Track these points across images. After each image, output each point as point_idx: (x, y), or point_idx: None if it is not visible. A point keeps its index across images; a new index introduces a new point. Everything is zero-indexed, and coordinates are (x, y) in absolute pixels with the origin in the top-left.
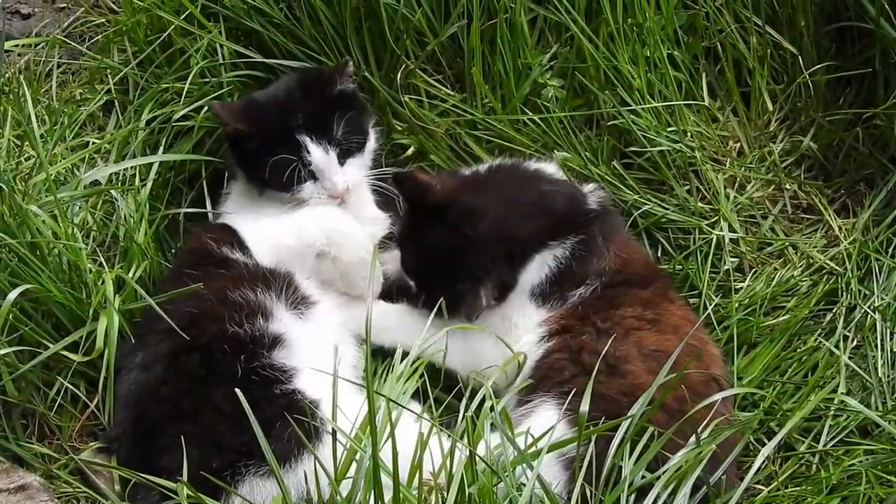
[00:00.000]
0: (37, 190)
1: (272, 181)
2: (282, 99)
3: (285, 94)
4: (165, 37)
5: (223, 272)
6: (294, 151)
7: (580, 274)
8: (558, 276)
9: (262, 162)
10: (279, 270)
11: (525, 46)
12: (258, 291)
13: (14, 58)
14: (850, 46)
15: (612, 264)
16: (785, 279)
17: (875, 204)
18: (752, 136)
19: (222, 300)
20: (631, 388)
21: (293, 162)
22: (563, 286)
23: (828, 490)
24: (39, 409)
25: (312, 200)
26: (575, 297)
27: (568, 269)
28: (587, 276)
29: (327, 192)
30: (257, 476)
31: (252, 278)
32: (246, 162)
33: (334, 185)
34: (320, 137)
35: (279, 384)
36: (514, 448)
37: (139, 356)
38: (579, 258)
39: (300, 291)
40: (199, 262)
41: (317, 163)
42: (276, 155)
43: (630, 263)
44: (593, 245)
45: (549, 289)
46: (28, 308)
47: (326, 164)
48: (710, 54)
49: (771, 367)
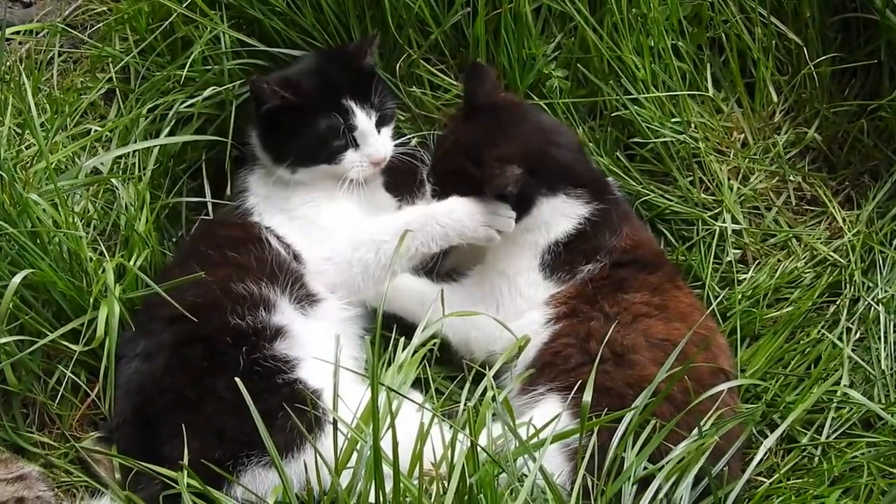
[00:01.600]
0: (37, 178)
1: (312, 153)
2: (318, 70)
3: (318, 67)
4: (167, 25)
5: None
6: (340, 116)
7: (592, 245)
8: (572, 239)
9: (302, 133)
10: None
11: (529, 37)
12: (262, 285)
13: (15, 46)
14: (855, 38)
15: (623, 243)
16: (788, 271)
17: (879, 196)
18: (757, 127)
19: (226, 291)
20: (637, 379)
21: (338, 128)
22: (573, 256)
23: (830, 482)
24: (40, 398)
25: (354, 170)
26: (584, 273)
27: (581, 235)
28: (598, 249)
29: (369, 158)
30: (260, 466)
31: (259, 271)
32: (281, 137)
33: (377, 150)
34: (364, 102)
35: (281, 374)
36: (516, 439)
37: (141, 345)
38: (595, 226)
39: (306, 289)
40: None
41: (362, 127)
42: (321, 123)
43: (640, 246)
44: (609, 218)
45: (559, 255)
46: (28, 297)
47: (370, 130)
48: (715, 45)
49: (774, 359)
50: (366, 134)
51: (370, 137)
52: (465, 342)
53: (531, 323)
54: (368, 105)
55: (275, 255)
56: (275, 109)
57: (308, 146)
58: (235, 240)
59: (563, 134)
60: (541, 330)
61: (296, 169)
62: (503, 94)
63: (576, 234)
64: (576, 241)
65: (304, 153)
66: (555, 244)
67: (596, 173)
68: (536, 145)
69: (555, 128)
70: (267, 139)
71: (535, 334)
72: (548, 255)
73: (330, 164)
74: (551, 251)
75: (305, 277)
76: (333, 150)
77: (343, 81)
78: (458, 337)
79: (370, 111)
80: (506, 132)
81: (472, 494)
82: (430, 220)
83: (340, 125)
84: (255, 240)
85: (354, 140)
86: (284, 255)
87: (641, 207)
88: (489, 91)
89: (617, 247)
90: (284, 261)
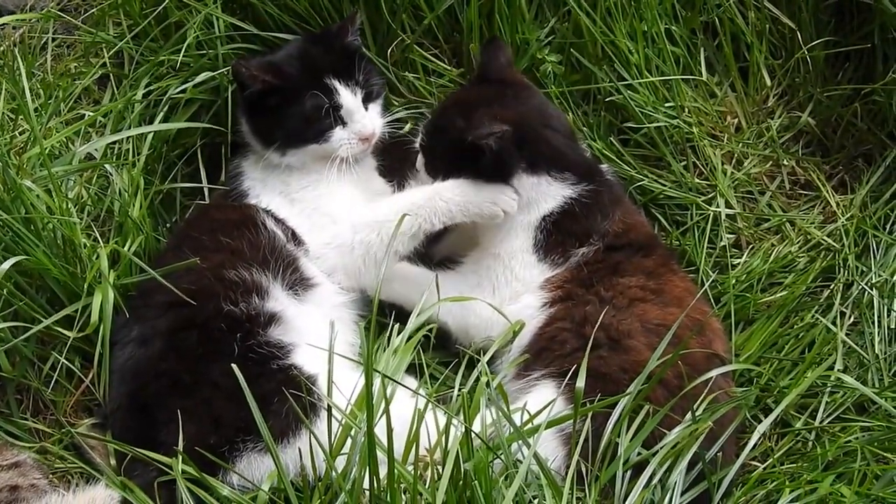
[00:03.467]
0: (31, 164)
1: (299, 134)
2: (301, 53)
3: (302, 50)
4: (161, 10)
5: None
6: (325, 96)
7: (583, 227)
8: (560, 219)
9: (288, 114)
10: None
11: (522, 21)
12: (254, 271)
13: (9, 31)
14: (848, 21)
15: (616, 227)
16: (782, 255)
17: (873, 180)
18: (750, 111)
19: (219, 278)
20: (632, 364)
21: (323, 106)
22: (564, 238)
23: (823, 467)
24: (34, 384)
25: (342, 148)
26: (577, 256)
27: (570, 217)
28: (590, 232)
29: (357, 135)
30: (255, 452)
31: (251, 257)
32: (267, 120)
33: (364, 126)
34: (347, 80)
35: (276, 360)
36: (510, 425)
37: (135, 330)
38: (584, 207)
39: (300, 273)
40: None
41: (347, 105)
42: (306, 103)
43: (633, 230)
44: (600, 200)
45: (550, 236)
46: (23, 283)
47: (355, 106)
48: (708, 29)
49: (768, 344)
50: (352, 111)
51: (356, 114)
52: (463, 328)
53: (527, 307)
54: (353, 83)
55: (269, 238)
56: (258, 93)
57: (295, 127)
58: (230, 223)
59: (559, 119)
60: (536, 314)
61: (285, 151)
62: (515, 73)
63: (564, 215)
64: (565, 222)
65: (291, 134)
66: (544, 222)
67: (585, 158)
68: (531, 122)
69: (553, 113)
70: (254, 123)
71: (530, 318)
72: (540, 234)
73: (318, 143)
74: (543, 230)
75: (300, 261)
76: (320, 129)
77: (326, 62)
78: (456, 323)
79: (355, 88)
80: (505, 101)
81: (467, 480)
82: (434, 197)
83: (325, 104)
84: (250, 223)
85: (341, 118)
86: (279, 239)
87: (635, 192)
88: (502, 66)
89: (610, 231)
90: (278, 245)
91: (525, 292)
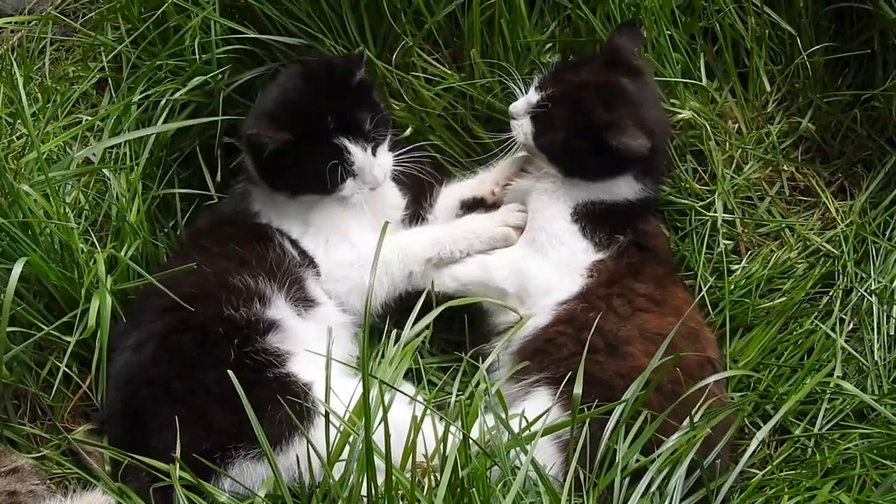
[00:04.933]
0: (28, 169)
1: (311, 186)
2: (308, 99)
3: (308, 93)
4: (160, 14)
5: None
6: (335, 155)
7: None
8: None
9: (300, 169)
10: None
11: (523, 26)
12: (259, 279)
13: (7, 34)
14: (848, 27)
15: (648, 228)
16: (781, 261)
17: (872, 186)
18: (750, 117)
19: (222, 283)
20: (628, 370)
21: (335, 166)
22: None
23: (823, 473)
24: (31, 389)
25: (355, 196)
26: (616, 246)
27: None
28: (633, 224)
29: (368, 185)
30: (248, 459)
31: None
32: (278, 171)
33: (375, 179)
34: (356, 137)
35: (272, 368)
36: (508, 432)
37: (132, 335)
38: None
39: (304, 292)
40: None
41: (359, 163)
42: (317, 161)
43: (657, 235)
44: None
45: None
46: (20, 288)
47: (366, 162)
48: (708, 35)
49: (767, 350)
50: (363, 167)
51: (366, 168)
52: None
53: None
54: (362, 138)
55: (278, 255)
56: (275, 151)
57: (305, 181)
58: (241, 236)
59: (668, 123)
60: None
61: (294, 196)
62: (643, 62)
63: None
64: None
65: (301, 186)
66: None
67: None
68: (662, 135)
69: (666, 118)
70: (263, 173)
71: (542, 312)
72: (581, 208)
73: (330, 194)
74: (589, 207)
75: (306, 282)
76: (333, 182)
77: (333, 114)
78: (514, 287)
79: (364, 143)
80: (646, 104)
81: (465, 487)
82: (458, 236)
83: (337, 165)
84: (261, 238)
85: (352, 172)
86: (288, 257)
87: None
88: (635, 53)
89: (643, 230)
90: (286, 263)
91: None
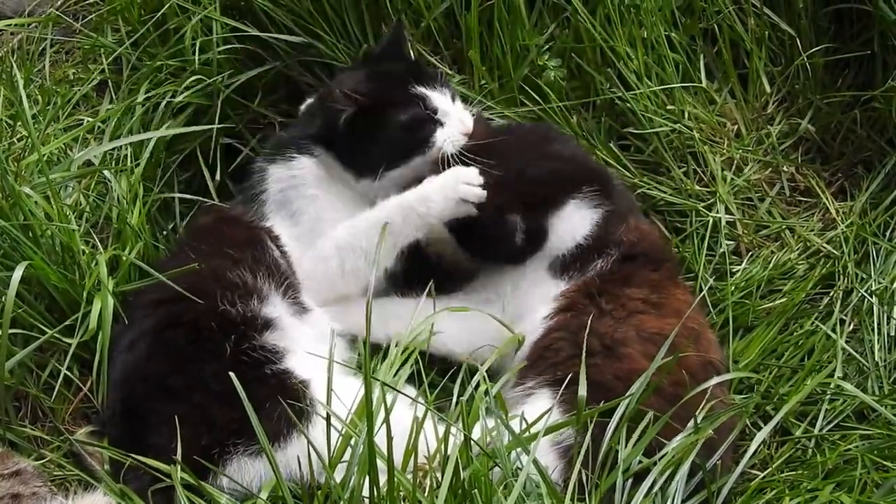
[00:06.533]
0: (29, 171)
1: (402, 147)
2: (374, 73)
3: (371, 70)
4: (160, 15)
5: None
6: (420, 104)
7: (603, 241)
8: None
9: (386, 133)
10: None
11: (522, 28)
12: (258, 275)
13: (7, 36)
14: (848, 28)
15: (631, 237)
16: (782, 262)
17: (872, 187)
18: (750, 118)
19: (219, 278)
20: (627, 372)
21: (420, 115)
22: (583, 253)
23: (823, 475)
24: (32, 391)
25: (447, 143)
26: (594, 270)
27: (596, 236)
28: (608, 244)
29: (458, 130)
30: (245, 455)
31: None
32: (363, 147)
33: (463, 122)
34: (433, 84)
35: (269, 364)
36: (509, 433)
37: (128, 335)
38: (605, 222)
39: (299, 299)
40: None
41: (442, 106)
42: (401, 116)
43: (645, 239)
44: (618, 212)
45: (572, 257)
46: (21, 290)
47: (450, 106)
48: (708, 36)
49: (767, 351)
50: (447, 111)
51: (451, 111)
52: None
53: (534, 320)
54: (438, 84)
55: (274, 259)
56: (351, 118)
57: (396, 144)
58: (238, 239)
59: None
60: (539, 325)
61: (386, 174)
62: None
63: (591, 235)
64: (592, 241)
65: (393, 153)
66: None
67: (596, 165)
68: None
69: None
70: (347, 154)
71: (534, 330)
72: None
73: (424, 152)
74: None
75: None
76: (423, 136)
77: (402, 73)
78: (464, 350)
79: (443, 90)
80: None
81: (466, 489)
82: (409, 211)
83: (422, 112)
84: (258, 241)
85: (439, 121)
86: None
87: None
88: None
89: (625, 240)
90: (282, 267)
91: (538, 305)
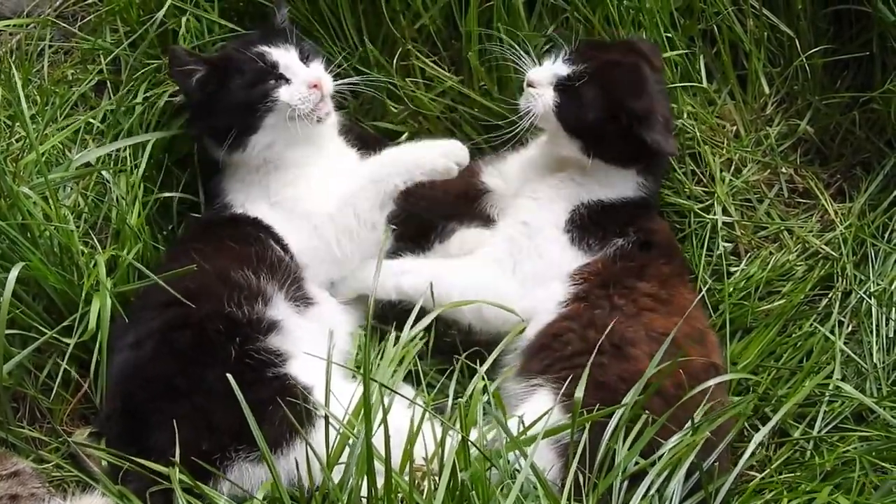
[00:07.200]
0: (28, 171)
1: (247, 105)
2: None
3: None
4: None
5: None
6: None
7: (630, 218)
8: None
9: (230, 92)
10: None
11: (522, 29)
12: (262, 276)
13: (5, 37)
14: (847, 29)
15: (652, 225)
16: (780, 263)
17: (871, 188)
18: (749, 119)
19: (224, 278)
20: (631, 374)
21: (260, 69)
22: (607, 224)
23: (822, 476)
24: (30, 392)
25: (296, 100)
26: (612, 248)
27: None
28: (633, 224)
29: (305, 84)
30: (247, 461)
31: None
32: (213, 110)
33: (308, 74)
34: (278, 43)
35: (272, 367)
36: (507, 434)
37: (131, 334)
38: (642, 199)
39: (303, 291)
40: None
41: (284, 61)
42: (244, 72)
43: (661, 231)
44: (653, 199)
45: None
46: (19, 290)
47: (294, 61)
48: (707, 37)
49: (766, 352)
50: (290, 65)
51: (296, 67)
52: (481, 320)
53: (549, 298)
54: (283, 43)
55: (274, 252)
56: (202, 81)
57: (241, 101)
58: (236, 236)
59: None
60: (554, 309)
61: (245, 139)
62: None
63: (616, 206)
64: (615, 210)
65: (240, 111)
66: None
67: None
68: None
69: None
70: (203, 122)
71: (546, 313)
72: (578, 214)
73: (268, 105)
74: (588, 208)
75: (303, 280)
76: (265, 90)
77: (254, 36)
78: (472, 315)
79: (287, 47)
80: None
81: (464, 491)
82: (392, 163)
83: (260, 65)
84: (256, 237)
85: (283, 77)
86: (283, 254)
87: None
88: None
89: (644, 227)
90: (284, 260)
91: (552, 278)
